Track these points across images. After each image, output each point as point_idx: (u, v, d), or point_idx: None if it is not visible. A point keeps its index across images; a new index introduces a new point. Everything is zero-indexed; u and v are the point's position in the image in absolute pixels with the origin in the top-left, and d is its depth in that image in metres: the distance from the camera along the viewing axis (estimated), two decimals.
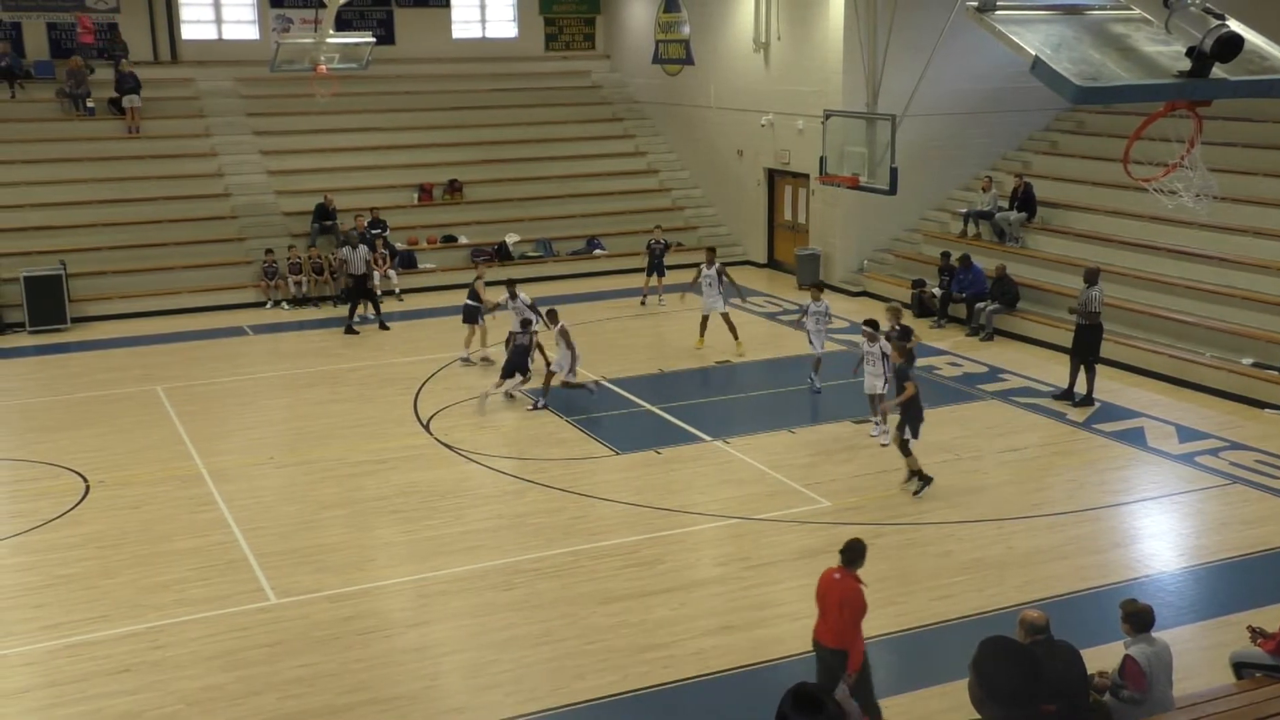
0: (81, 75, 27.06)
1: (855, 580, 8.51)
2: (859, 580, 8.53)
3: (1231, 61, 6.24)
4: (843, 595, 8.41)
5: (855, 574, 8.54)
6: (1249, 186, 20.08)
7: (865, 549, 8.66)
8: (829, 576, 8.61)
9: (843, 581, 8.48)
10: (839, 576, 8.55)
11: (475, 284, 19.54)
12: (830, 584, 8.56)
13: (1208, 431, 15.83)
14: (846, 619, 8.39)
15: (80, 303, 22.78)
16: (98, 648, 10.45)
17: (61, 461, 15.15)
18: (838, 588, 8.47)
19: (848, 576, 8.52)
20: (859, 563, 8.59)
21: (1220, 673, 9.23)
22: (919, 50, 17.91)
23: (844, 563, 8.59)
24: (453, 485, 14.30)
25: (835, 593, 8.46)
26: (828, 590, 8.55)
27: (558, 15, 33.05)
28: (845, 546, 8.63)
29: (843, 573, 8.55)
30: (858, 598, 8.43)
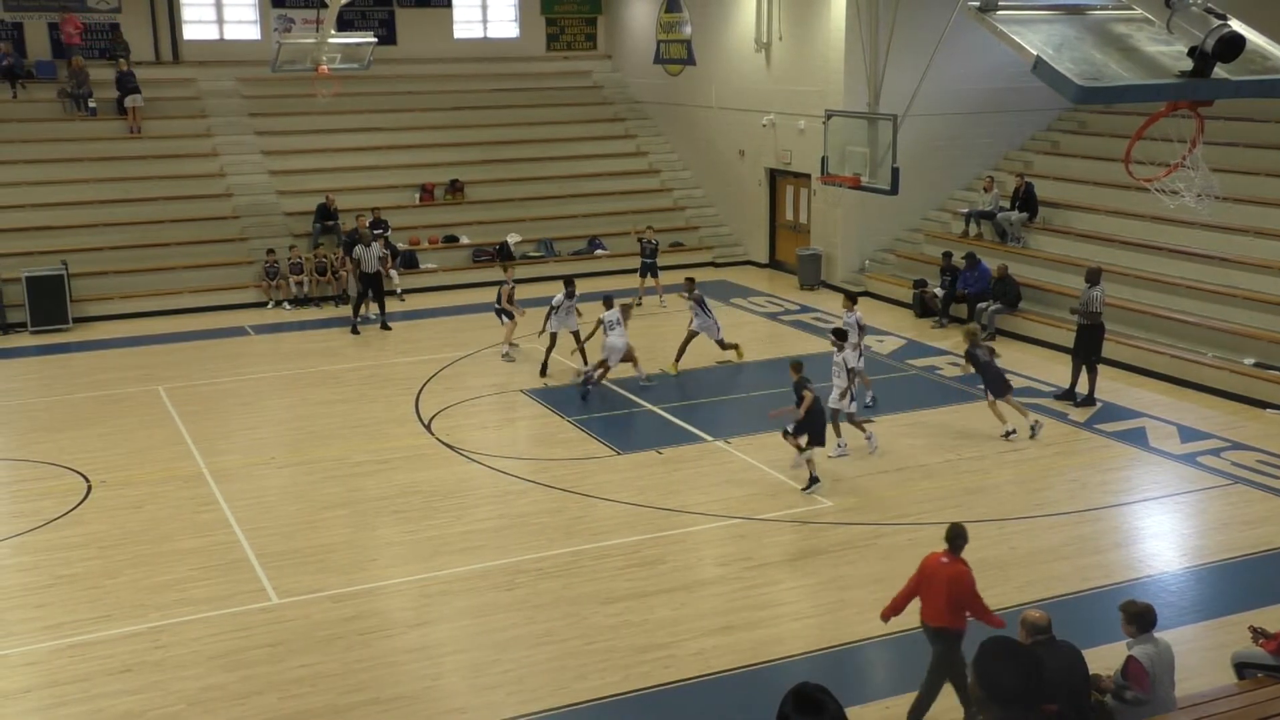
0: (83, 75, 27.08)
1: (962, 564, 8.91)
2: (965, 563, 8.93)
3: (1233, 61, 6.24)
4: (951, 578, 8.81)
5: (961, 558, 8.93)
6: (1251, 186, 20.07)
7: (967, 533, 9.06)
8: (935, 561, 8.98)
9: (950, 565, 8.88)
10: (945, 561, 8.93)
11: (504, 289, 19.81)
12: (937, 568, 8.93)
13: (1209, 431, 15.82)
14: (960, 601, 8.79)
15: (82, 303, 22.79)
16: (99, 647, 10.46)
17: (63, 461, 15.16)
18: (945, 571, 8.86)
19: (955, 560, 8.92)
20: (961, 545, 8.98)
21: (1222, 673, 9.22)
22: (920, 50, 17.92)
23: (950, 549, 8.97)
24: (454, 485, 14.30)
25: (943, 575, 8.85)
26: (934, 574, 8.92)
27: (559, 15, 33.06)
28: (950, 533, 9.03)
29: (949, 557, 8.94)
30: (968, 582, 8.83)
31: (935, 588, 8.87)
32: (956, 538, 8.96)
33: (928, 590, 8.94)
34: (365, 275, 21.65)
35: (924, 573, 9.01)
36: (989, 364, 15.55)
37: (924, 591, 8.98)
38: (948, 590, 8.78)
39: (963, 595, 8.77)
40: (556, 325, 18.44)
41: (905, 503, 13.49)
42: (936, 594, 8.85)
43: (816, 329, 21.67)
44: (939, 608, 8.84)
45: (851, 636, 10.49)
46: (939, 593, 8.83)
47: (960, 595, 8.76)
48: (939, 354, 19.77)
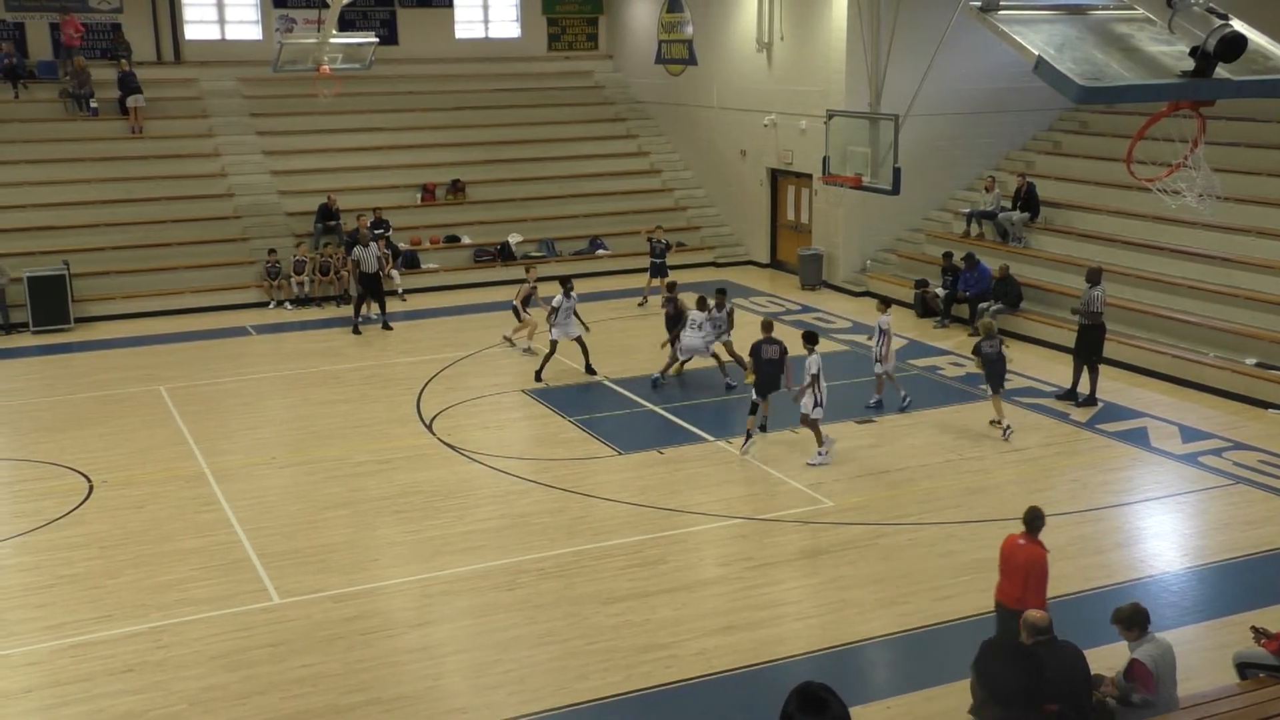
0: (85, 75, 27.09)
1: (1040, 546, 9.10)
2: (1043, 546, 9.12)
3: (1235, 61, 6.24)
4: (1028, 559, 9.03)
5: (1038, 540, 9.11)
6: (1252, 186, 20.06)
7: (1044, 515, 9.25)
8: (1013, 542, 9.18)
9: (1028, 547, 9.09)
10: (1024, 542, 9.12)
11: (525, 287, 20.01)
12: (1015, 549, 9.13)
13: (1211, 432, 15.82)
14: (1033, 584, 8.97)
15: (83, 303, 22.80)
16: (101, 647, 10.46)
17: (65, 461, 15.16)
18: (1023, 552, 9.07)
19: (1032, 543, 9.11)
20: (1039, 528, 9.16)
21: (1224, 673, 9.21)
22: (922, 50, 17.92)
23: (1027, 530, 9.15)
24: (456, 485, 14.30)
25: (1021, 556, 9.05)
26: (1012, 554, 9.14)
27: (560, 15, 33.06)
28: (1027, 515, 9.20)
29: (1027, 539, 9.14)
30: (1042, 562, 9.06)
31: (1013, 569, 9.10)
32: (1034, 519, 9.15)
33: (1004, 571, 9.19)
34: (365, 275, 21.65)
35: (1002, 554, 9.26)
36: (990, 358, 15.66)
37: (1001, 573, 9.23)
38: (1025, 571, 9.01)
39: (1037, 577, 9.00)
40: (559, 333, 18.35)
41: (907, 503, 13.48)
42: (1014, 575, 9.08)
43: (817, 329, 21.63)
44: (1016, 589, 9.05)
45: (853, 636, 10.49)
46: (1017, 574, 9.06)
47: (1035, 577, 8.99)
48: (940, 354, 19.76)
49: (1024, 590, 8.98)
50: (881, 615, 10.85)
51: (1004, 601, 9.18)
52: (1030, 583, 8.99)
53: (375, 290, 21.87)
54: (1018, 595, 9.00)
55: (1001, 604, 9.21)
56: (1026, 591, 8.97)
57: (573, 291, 18.48)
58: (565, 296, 18.27)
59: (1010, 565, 9.14)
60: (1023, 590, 8.99)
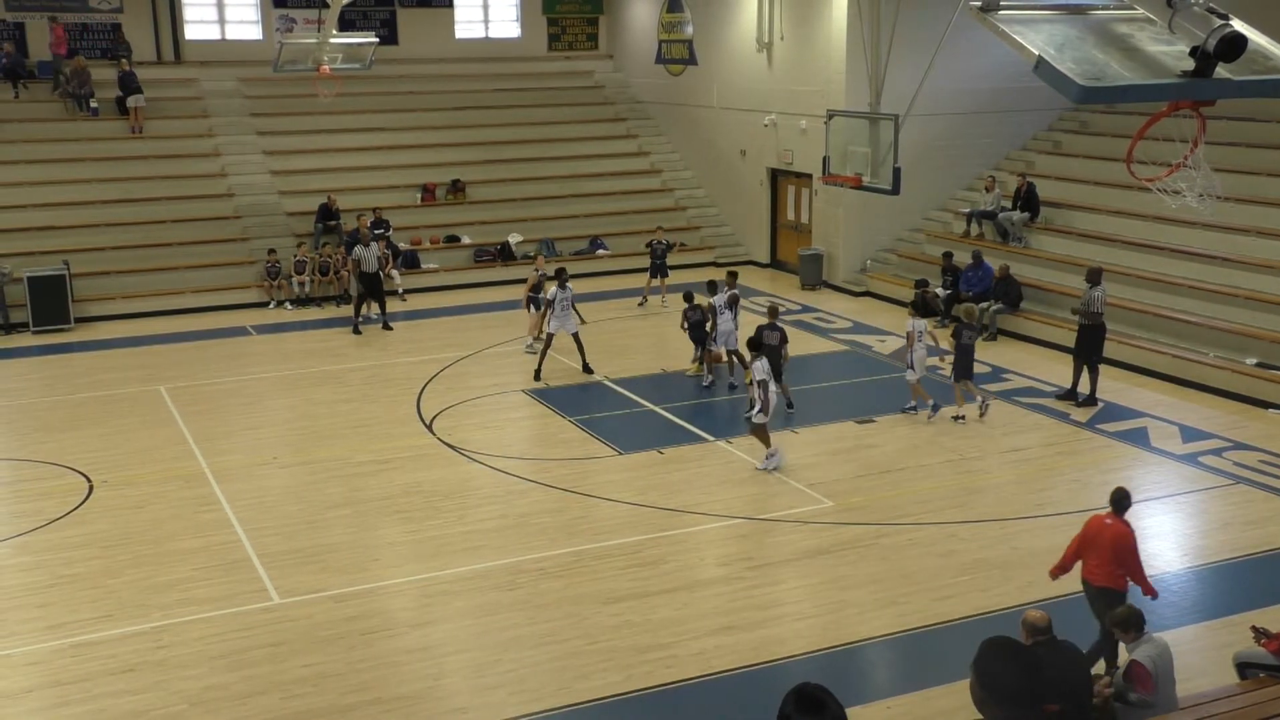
0: (85, 75, 27.09)
1: (1125, 525, 9.34)
2: (1128, 525, 9.37)
3: (1235, 61, 6.23)
4: (1114, 537, 9.27)
5: (1125, 519, 9.36)
6: (1252, 186, 20.07)
7: (1130, 496, 9.55)
8: (1099, 521, 9.42)
9: (1114, 526, 9.33)
10: (1110, 521, 9.36)
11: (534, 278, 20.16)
12: (1101, 528, 9.37)
13: (1211, 431, 15.82)
14: (1122, 559, 9.24)
15: (84, 303, 22.81)
16: (101, 647, 10.47)
17: (65, 461, 15.17)
18: (1110, 531, 9.31)
19: (1118, 521, 9.34)
20: (1126, 507, 9.42)
21: (1224, 673, 9.22)
22: (922, 50, 17.91)
23: (1114, 510, 9.40)
24: (456, 485, 14.30)
25: (1107, 535, 9.29)
26: (1098, 533, 9.36)
27: (561, 15, 33.07)
28: (1114, 496, 9.47)
29: (1113, 518, 9.37)
30: (1131, 541, 9.31)
31: (1099, 548, 9.31)
32: (1122, 499, 9.39)
33: (1091, 550, 9.38)
34: (365, 275, 21.66)
35: (1087, 533, 9.45)
36: (968, 348, 16.14)
37: (1087, 552, 9.42)
38: (1112, 549, 9.23)
39: (1125, 555, 9.23)
40: (555, 325, 18.42)
41: (906, 503, 13.48)
42: (1100, 554, 9.30)
43: (818, 329, 21.68)
44: (1103, 567, 9.28)
45: (853, 636, 10.49)
46: (1103, 552, 9.28)
47: (1121, 554, 9.22)
48: (940, 354, 19.75)
49: (1113, 567, 9.26)
50: (881, 615, 10.85)
51: (1090, 580, 9.42)
52: (1121, 559, 9.26)
53: (375, 290, 21.88)
54: (1104, 575, 9.28)
55: (1089, 582, 9.45)
56: (1117, 568, 9.26)
57: (569, 284, 18.48)
58: (561, 288, 18.28)
59: (1096, 544, 9.37)
60: (1112, 567, 9.26)
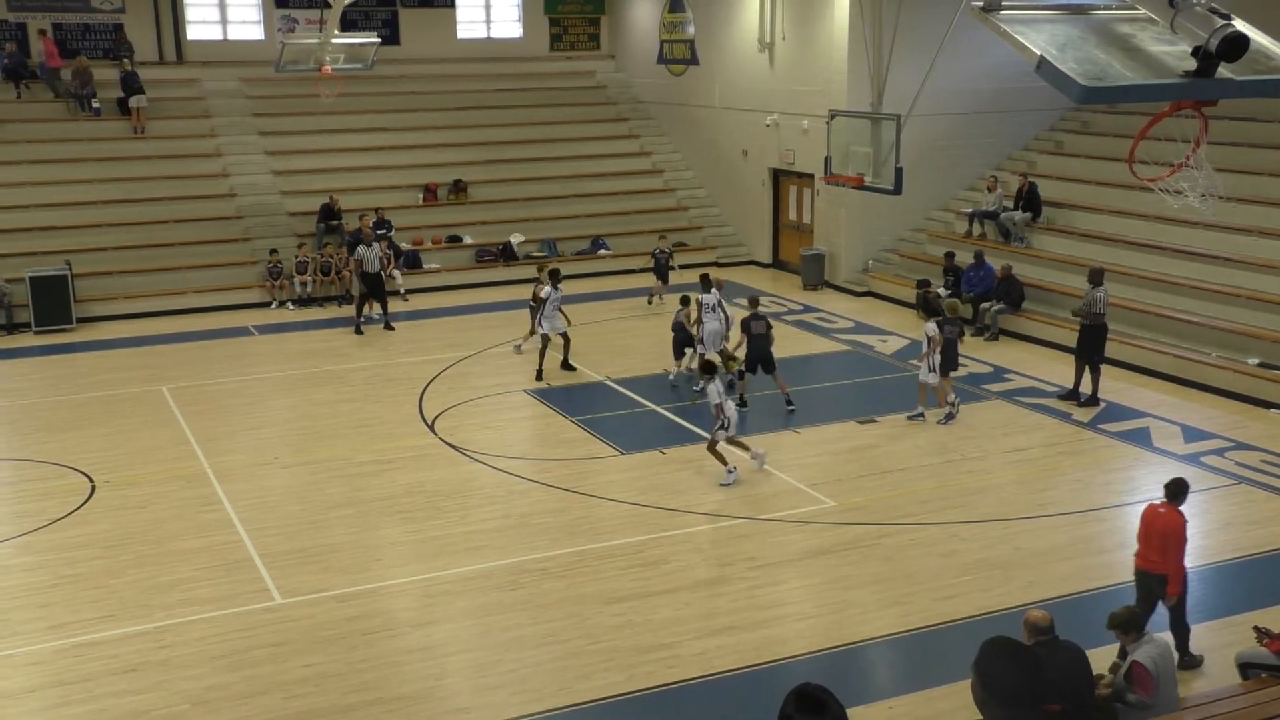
0: (87, 75, 27.11)
1: (1179, 514, 9.51)
2: (1182, 514, 9.55)
3: (1237, 61, 6.23)
4: (1167, 526, 9.48)
5: (1178, 508, 9.54)
6: (1254, 186, 20.05)
7: (1188, 486, 9.78)
8: (1154, 510, 9.66)
9: (1168, 515, 9.54)
10: (1164, 510, 9.58)
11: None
12: (1155, 516, 9.60)
13: (1213, 431, 15.81)
14: (1170, 547, 9.44)
15: (86, 303, 22.82)
16: (103, 647, 10.47)
17: (67, 461, 15.18)
18: (1162, 520, 9.53)
19: (1172, 510, 9.54)
20: (1182, 498, 9.63)
21: (1226, 673, 9.21)
22: (924, 50, 17.91)
23: (1168, 497, 9.62)
24: (458, 485, 14.31)
25: (1160, 523, 9.51)
26: (1152, 521, 9.60)
27: (562, 15, 33.07)
28: (1171, 485, 9.69)
29: (1167, 507, 9.59)
30: (1180, 529, 9.49)
31: (1152, 536, 9.55)
32: (1179, 490, 9.63)
33: (1145, 538, 9.64)
34: (367, 275, 21.66)
35: (1142, 521, 9.71)
36: (952, 342, 16.32)
37: (1143, 539, 9.68)
38: (1162, 536, 9.47)
39: (1170, 542, 9.44)
40: (547, 327, 18.35)
41: (908, 503, 13.48)
42: (1152, 540, 9.54)
43: (820, 329, 21.67)
44: (1156, 554, 9.50)
45: (855, 637, 10.49)
46: (1154, 540, 9.51)
47: (1168, 542, 9.44)
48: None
49: (1161, 554, 9.44)
50: (883, 615, 10.85)
51: (1145, 568, 9.62)
52: (1167, 545, 9.43)
53: (377, 290, 21.89)
54: (1158, 562, 9.47)
55: (1143, 570, 9.65)
56: (1164, 556, 9.44)
57: (560, 284, 18.43)
58: (554, 289, 18.24)
59: (1149, 531, 9.56)
60: (1160, 554, 9.45)
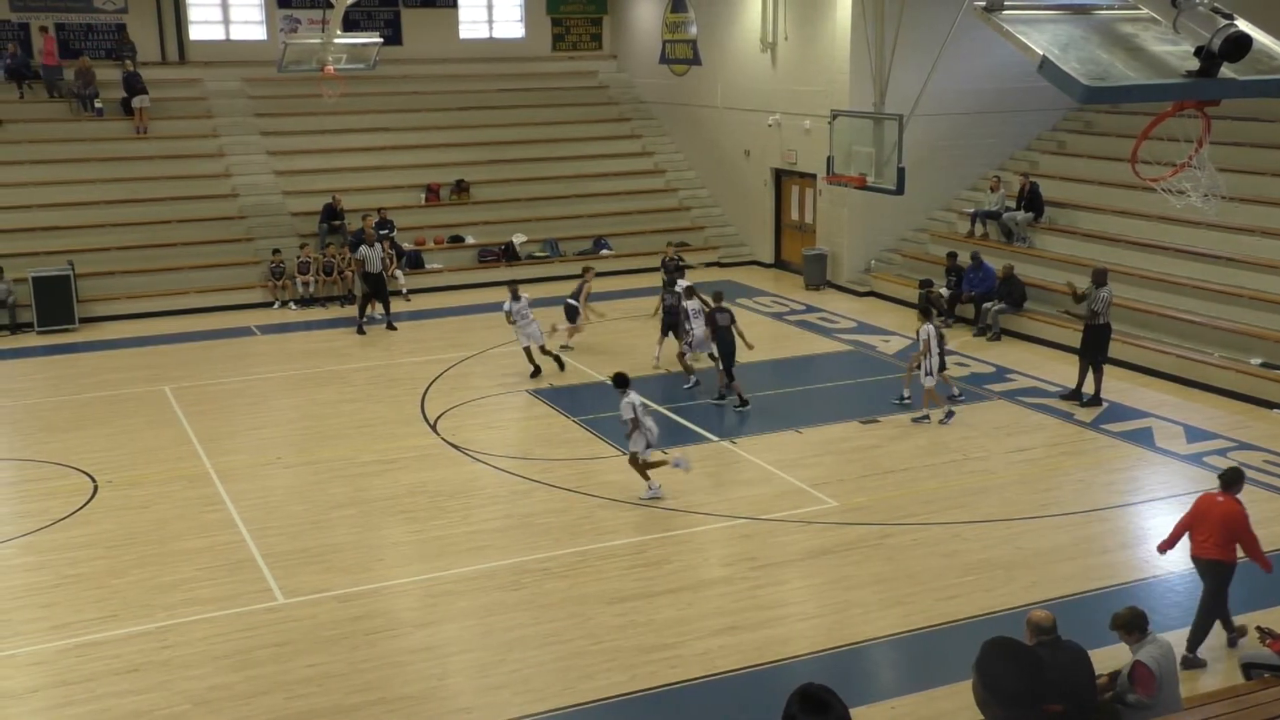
0: (89, 76, 27.13)
1: (1237, 503, 9.77)
2: (1239, 502, 9.79)
3: (1240, 61, 6.22)
4: (1225, 514, 9.68)
5: (1236, 496, 9.80)
6: (1257, 186, 20.04)
7: (1243, 475, 10.09)
8: (1210, 499, 9.89)
9: (1225, 503, 9.76)
10: (1221, 499, 9.80)
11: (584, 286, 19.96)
12: (1211, 504, 9.83)
13: (1216, 432, 15.79)
14: (1236, 534, 9.65)
15: (88, 303, 22.84)
16: (106, 647, 10.48)
17: (69, 461, 15.19)
18: (1219, 508, 9.74)
19: (1229, 499, 9.77)
20: (1237, 486, 9.88)
21: (1229, 673, 9.21)
22: (926, 50, 17.90)
23: (1223, 487, 9.86)
24: (460, 485, 14.31)
25: (1217, 511, 9.72)
26: (1208, 510, 9.81)
27: (565, 15, 33.07)
28: (1228, 474, 9.97)
29: (1224, 495, 9.81)
30: (1240, 515, 9.72)
31: (1208, 523, 9.71)
32: (1236, 479, 9.85)
33: (1200, 525, 9.78)
34: (369, 275, 21.68)
35: (1197, 509, 9.87)
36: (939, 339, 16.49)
37: (1196, 527, 9.82)
38: (1221, 525, 9.62)
39: (1236, 529, 9.64)
40: (524, 339, 18.27)
41: (911, 503, 13.47)
42: (1210, 529, 9.69)
43: (822, 329, 21.67)
44: (1211, 541, 9.67)
45: (857, 637, 10.49)
46: (1212, 528, 9.67)
47: (1234, 529, 9.62)
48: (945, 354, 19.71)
49: (1225, 540, 9.60)
50: (885, 615, 10.85)
51: (1201, 555, 9.78)
52: (1235, 534, 9.61)
53: (380, 290, 21.91)
54: (1213, 549, 9.65)
55: (1199, 558, 9.80)
56: (1230, 542, 9.62)
57: (522, 294, 18.28)
58: (515, 299, 18.10)
59: (1206, 520, 9.71)
60: (1223, 539, 9.61)
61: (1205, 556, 9.80)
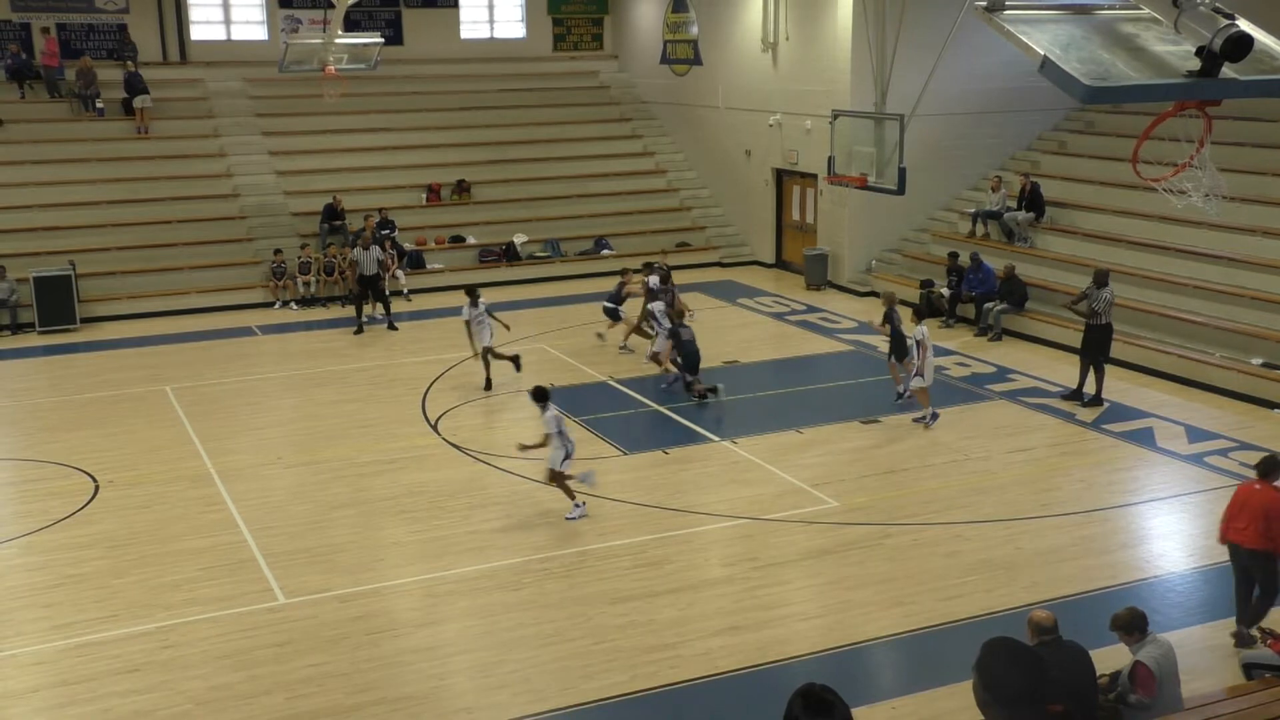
0: (91, 75, 27.14)
1: (1276, 491, 9.73)
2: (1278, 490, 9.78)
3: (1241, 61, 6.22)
4: (1266, 502, 9.67)
5: (1274, 484, 9.77)
6: (1258, 186, 20.02)
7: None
8: (1249, 488, 9.88)
9: (1264, 492, 9.73)
10: (1259, 488, 9.78)
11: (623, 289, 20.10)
12: (1251, 494, 9.82)
13: (1217, 432, 15.79)
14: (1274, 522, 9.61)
15: (89, 303, 22.86)
16: (107, 647, 10.49)
17: (71, 461, 15.19)
18: (1259, 497, 9.73)
19: (1268, 487, 9.73)
20: (1276, 474, 9.81)
21: (1230, 673, 9.21)
22: (927, 50, 17.91)
23: (1260, 475, 9.83)
24: (461, 485, 14.31)
25: (1257, 500, 9.71)
26: (1248, 499, 9.80)
27: (566, 15, 33.08)
28: (1262, 463, 9.92)
29: (1263, 484, 9.77)
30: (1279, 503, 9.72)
31: (1249, 511, 9.72)
32: (1273, 467, 9.80)
33: (1241, 513, 9.79)
34: (364, 278, 21.66)
35: (1237, 498, 9.91)
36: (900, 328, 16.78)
37: (1237, 515, 9.84)
38: (1264, 514, 9.60)
39: (1274, 518, 9.59)
40: (479, 344, 17.98)
41: (911, 503, 13.47)
42: (1252, 517, 9.68)
43: (823, 329, 21.67)
44: (1255, 530, 9.65)
45: (858, 637, 10.49)
46: (1254, 516, 9.66)
47: (1272, 518, 9.59)
48: (946, 354, 19.73)
49: (1263, 533, 9.60)
50: (886, 616, 10.85)
51: (1241, 542, 9.80)
52: (1269, 525, 9.59)
53: (376, 291, 21.89)
54: (1257, 538, 9.64)
55: (1238, 545, 9.83)
56: (1265, 534, 9.61)
57: (480, 300, 18.05)
58: (473, 305, 17.95)
59: (1247, 507, 9.71)
60: (1261, 533, 9.61)
61: (1249, 545, 9.76)
